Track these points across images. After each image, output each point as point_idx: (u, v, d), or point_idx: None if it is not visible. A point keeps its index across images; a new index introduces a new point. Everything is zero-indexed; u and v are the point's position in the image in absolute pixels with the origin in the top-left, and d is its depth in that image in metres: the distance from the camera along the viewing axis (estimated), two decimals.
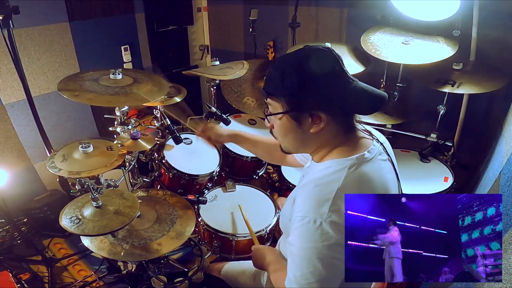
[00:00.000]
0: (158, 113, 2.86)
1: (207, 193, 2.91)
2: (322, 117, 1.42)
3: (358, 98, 1.43)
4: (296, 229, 1.40)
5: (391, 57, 2.83)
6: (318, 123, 1.43)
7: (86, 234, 1.90)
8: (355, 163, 1.42)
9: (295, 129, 1.49)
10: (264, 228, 2.57)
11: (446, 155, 3.11)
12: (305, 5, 3.96)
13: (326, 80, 1.40)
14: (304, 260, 1.36)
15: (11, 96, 3.44)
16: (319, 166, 1.53)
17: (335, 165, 1.45)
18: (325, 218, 1.31)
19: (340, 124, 1.48)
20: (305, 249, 1.36)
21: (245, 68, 3.19)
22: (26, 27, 3.38)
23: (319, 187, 1.41)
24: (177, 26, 4.86)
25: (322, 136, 1.50)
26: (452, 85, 2.74)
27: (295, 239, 1.41)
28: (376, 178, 1.46)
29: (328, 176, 1.43)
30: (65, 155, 2.01)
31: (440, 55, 2.74)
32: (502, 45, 2.92)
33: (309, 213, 1.35)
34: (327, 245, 1.31)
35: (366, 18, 3.47)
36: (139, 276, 2.44)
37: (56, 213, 1.97)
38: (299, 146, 1.60)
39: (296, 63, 1.42)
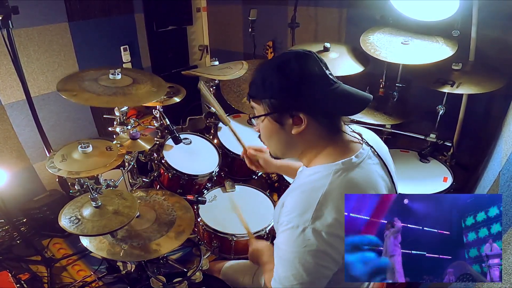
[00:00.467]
0: (158, 113, 2.86)
1: (207, 193, 2.91)
2: (302, 118, 1.42)
3: (340, 99, 1.44)
4: (282, 232, 1.40)
5: (390, 57, 2.83)
6: (299, 124, 1.44)
7: (85, 234, 1.89)
8: (340, 168, 1.42)
9: (278, 131, 1.50)
10: (263, 228, 2.57)
11: (445, 155, 3.11)
12: (304, 5, 3.96)
13: (306, 82, 1.40)
14: (287, 263, 1.37)
15: (11, 96, 3.45)
16: (307, 171, 1.54)
17: (322, 171, 1.45)
18: (307, 225, 1.31)
19: (324, 126, 1.48)
20: (289, 253, 1.36)
21: (244, 68, 3.19)
22: (26, 27, 3.39)
23: (305, 193, 1.41)
24: (176, 26, 4.85)
25: (306, 139, 1.50)
26: (452, 85, 2.74)
27: (281, 241, 1.41)
28: (365, 183, 1.45)
29: (314, 182, 1.43)
30: (64, 155, 2.01)
31: (439, 55, 2.74)
32: (501, 45, 2.92)
33: (294, 219, 1.36)
34: (308, 251, 1.31)
35: (365, 18, 3.48)
36: (138, 276, 2.44)
37: (55, 213, 1.97)
38: (284, 149, 1.61)
39: (276, 66, 1.44)
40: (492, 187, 1.92)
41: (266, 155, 2.16)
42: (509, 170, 1.70)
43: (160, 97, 2.50)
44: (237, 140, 2.33)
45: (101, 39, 4.04)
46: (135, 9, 4.31)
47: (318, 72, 1.42)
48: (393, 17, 3.16)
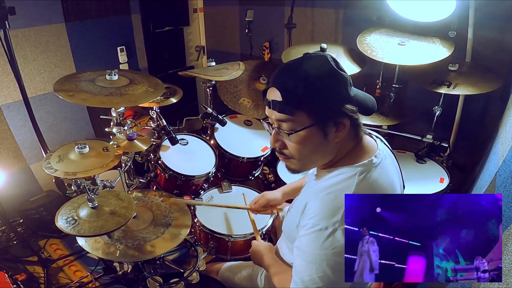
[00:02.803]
0: (154, 114, 2.86)
1: (203, 194, 2.91)
2: (346, 123, 1.42)
3: (360, 100, 1.46)
4: (306, 235, 1.40)
5: (387, 58, 2.84)
6: (343, 130, 1.43)
7: (82, 235, 1.90)
8: (364, 169, 1.43)
9: (320, 141, 1.45)
10: (260, 229, 2.56)
11: (442, 156, 3.12)
12: (301, 6, 3.96)
13: (345, 85, 1.41)
14: (313, 265, 1.36)
15: (7, 97, 3.44)
16: (330, 174, 1.52)
17: (346, 172, 1.45)
18: (337, 227, 1.32)
19: (354, 128, 1.49)
20: (315, 255, 1.36)
21: (241, 69, 3.19)
22: (22, 28, 3.38)
23: (331, 195, 1.42)
24: (173, 27, 4.84)
25: (341, 143, 1.50)
26: (448, 86, 2.75)
27: (305, 244, 1.41)
28: (386, 183, 1.48)
29: (339, 184, 1.43)
30: (61, 155, 2.01)
31: (436, 56, 2.75)
32: (498, 46, 2.92)
33: (321, 221, 1.36)
34: (337, 252, 1.32)
35: (362, 19, 3.48)
36: (135, 276, 2.44)
37: (52, 214, 1.97)
38: (317, 159, 1.56)
39: (319, 75, 1.40)
40: (489, 188, 1.92)
41: (268, 199, 2.28)
42: (506, 171, 1.70)
43: (157, 97, 2.49)
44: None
45: (97, 39, 4.03)
46: (131, 9, 4.30)
47: (346, 75, 1.43)
48: (389, 18, 3.16)
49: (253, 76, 3.59)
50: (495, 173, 1.89)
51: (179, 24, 4.93)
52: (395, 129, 3.27)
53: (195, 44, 5.18)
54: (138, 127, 2.89)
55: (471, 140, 3.30)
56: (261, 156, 3.13)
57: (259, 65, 3.73)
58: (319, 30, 4.03)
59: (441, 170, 2.96)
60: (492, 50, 2.95)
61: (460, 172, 3.16)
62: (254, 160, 3.13)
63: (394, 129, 3.27)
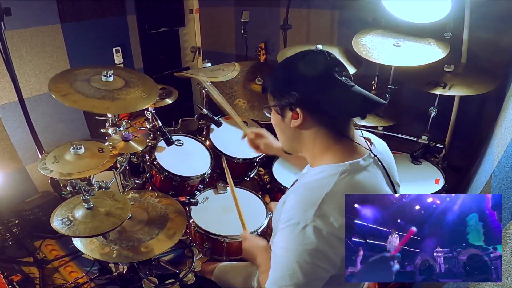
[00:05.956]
0: (150, 115, 2.85)
1: (199, 194, 2.90)
2: (299, 113, 1.44)
3: (348, 101, 1.42)
4: (282, 230, 1.39)
5: (382, 59, 2.84)
6: (296, 119, 1.46)
7: (77, 236, 1.89)
8: (347, 169, 1.41)
9: (280, 122, 1.56)
10: (256, 230, 2.57)
11: (437, 157, 3.12)
12: (297, 7, 3.97)
13: (307, 79, 1.42)
14: (285, 261, 1.35)
15: (3, 98, 3.43)
16: (312, 171, 1.53)
17: (327, 170, 1.44)
18: (308, 223, 1.30)
19: (327, 125, 1.47)
20: (287, 250, 1.35)
21: (236, 70, 3.19)
22: (18, 28, 3.37)
23: (309, 191, 1.41)
24: (168, 28, 4.85)
25: (307, 135, 1.51)
26: (444, 87, 2.76)
27: (279, 238, 1.40)
28: (371, 186, 1.45)
29: (319, 181, 1.42)
30: (56, 156, 2.01)
31: (431, 57, 2.76)
32: (493, 47, 2.94)
33: (295, 215, 1.35)
34: (307, 249, 1.30)
35: (357, 20, 3.49)
36: (130, 277, 2.44)
37: (47, 215, 1.97)
38: (288, 142, 1.64)
39: (286, 61, 1.53)
40: (484, 189, 1.93)
41: (266, 139, 2.21)
42: (501, 172, 1.71)
43: (149, 104, 2.48)
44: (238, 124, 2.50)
45: (93, 40, 4.03)
46: (127, 10, 4.31)
47: (322, 71, 1.42)
48: (385, 19, 3.17)
49: (249, 77, 3.60)
50: (490, 174, 1.89)
51: (175, 25, 4.93)
52: (390, 130, 3.28)
53: (190, 45, 5.18)
54: (133, 128, 2.88)
55: (466, 141, 3.31)
56: (256, 157, 3.12)
57: (254, 66, 3.74)
58: (314, 31, 4.05)
59: (437, 171, 2.96)
60: (488, 51, 2.97)
61: (455, 173, 3.17)
62: (249, 161, 3.12)
63: (390, 130, 3.28)
